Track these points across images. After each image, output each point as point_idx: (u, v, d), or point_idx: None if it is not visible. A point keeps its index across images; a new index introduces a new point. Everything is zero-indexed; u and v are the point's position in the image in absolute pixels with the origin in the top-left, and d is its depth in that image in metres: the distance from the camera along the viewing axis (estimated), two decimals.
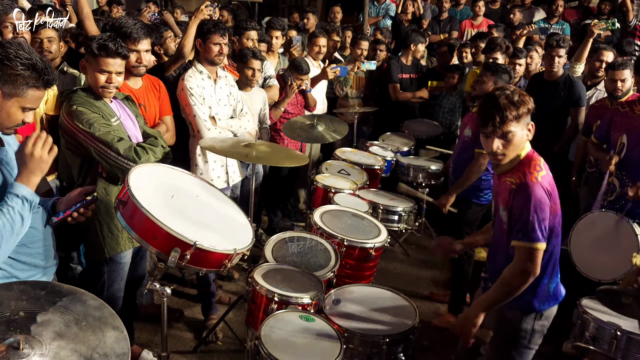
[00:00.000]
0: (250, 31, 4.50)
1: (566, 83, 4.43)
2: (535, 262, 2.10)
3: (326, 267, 2.84)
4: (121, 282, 2.86)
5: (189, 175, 2.52)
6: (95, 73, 2.58)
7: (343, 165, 4.31)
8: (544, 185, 2.10)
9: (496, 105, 2.07)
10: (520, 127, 2.11)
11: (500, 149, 2.12)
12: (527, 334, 2.26)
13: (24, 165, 1.83)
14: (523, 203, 2.08)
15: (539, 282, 2.21)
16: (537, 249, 2.09)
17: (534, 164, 2.14)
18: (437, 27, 7.24)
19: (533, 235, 2.07)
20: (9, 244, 1.82)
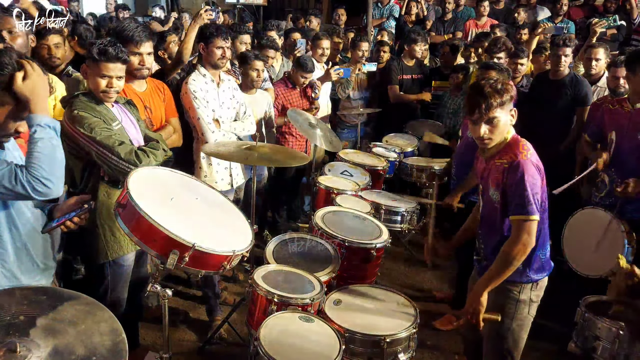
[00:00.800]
0: (243, 35, 4.54)
1: (572, 82, 4.41)
2: (532, 233, 2.26)
3: (327, 268, 2.84)
4: (124, 285, 2.90)
5: (189, 178, 2.54)
6: (96, 78, 2.62)
7: (346, 166, 4.32)
8: (533, 162, 2.28)
9: (482, 94, 2.26)
10: (505, 112, 2.31)
11: (487, 133, 2.31)
12: (526, 304, 2.44)
13: (32, 92, 1.82)
14: (518, 180, 2.24)
15: (533, 254, 2.37)
16: (533, 221, 2.25)
17: (521, 144, 2.33)
18: (441, 28, 7.23)
19: (529, 208, 2.23)
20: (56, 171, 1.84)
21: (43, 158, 1.81)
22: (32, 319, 1.56)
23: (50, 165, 1.83)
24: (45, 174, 1.81)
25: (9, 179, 1.78)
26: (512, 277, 2.37)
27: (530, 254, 2.34)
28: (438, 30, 7.23)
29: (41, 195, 1.83)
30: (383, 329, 2.44)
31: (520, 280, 2.42)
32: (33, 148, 1.82)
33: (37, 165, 1.80)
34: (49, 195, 1.85)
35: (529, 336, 2.57)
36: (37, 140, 1.82)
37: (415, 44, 5.41)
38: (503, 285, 2.39)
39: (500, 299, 2.44)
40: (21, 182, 1.78)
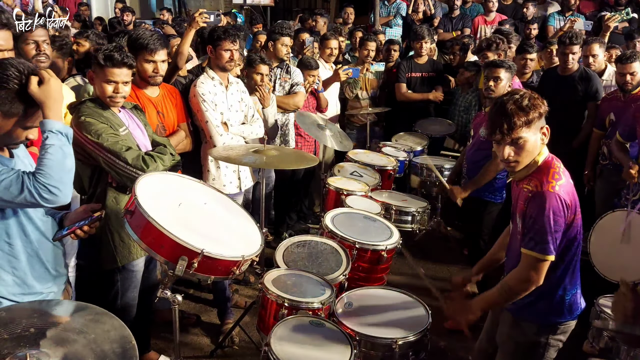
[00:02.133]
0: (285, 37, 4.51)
1: (582, 77, 4.36)
2: (540, 272, 2.05)
3: (337, 270, 2.83)
4: (135, 290, 2.90)
5: (197, 183, 2.54)
6: (102, 83, 2.62)
7: (355, 167, 4.30)
8: (561, 195, 2.01)
9: (504, 112, 1.99)
10: (532, 132, 2.01)
11: (512, 156, 2.04)
12: (541, 347, 2.20)
13: (47, 97, 1.82)
14: (537, 212, 2.01)
15: (554, 293, 2.16)
16: (545, 261, 2.03)
17: (553, 171, 2.06)
18: (449, 25, 7.18)
19: (544, 246, 2.01)
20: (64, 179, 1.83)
21: (53, 165, 1.81)
22: (42, 330, 1.57)
23: (59, 172, 1.82)
24: (53, 181, 1.80)
25: (16, 186, 1.78)
26: (529, 316, 2.19)
27: (548, 293, 2.14)
28: (446, 28, 7.18)
29: (49, 202, 1.82)
30: (395, 331, 2.41)
31: (538, 321, 2.19)
32: (44, 154, 1.81)
33: (46, 172, 1.79)
34: (57, 202, 1.85)
35: None
36: (49, 147, 1.82)
37: (422, 40, 5.36)
38: (519, 322, 2.23)
39: (514, 337, 2.26)
40: (28, 188, 1.78)
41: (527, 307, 2.18)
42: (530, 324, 2.20)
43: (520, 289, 2.08)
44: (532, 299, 2.14)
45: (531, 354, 2.22)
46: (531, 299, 2.15)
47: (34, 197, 1.79)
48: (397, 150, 4.76)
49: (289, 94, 4.46)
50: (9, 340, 1.51)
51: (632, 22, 6.16)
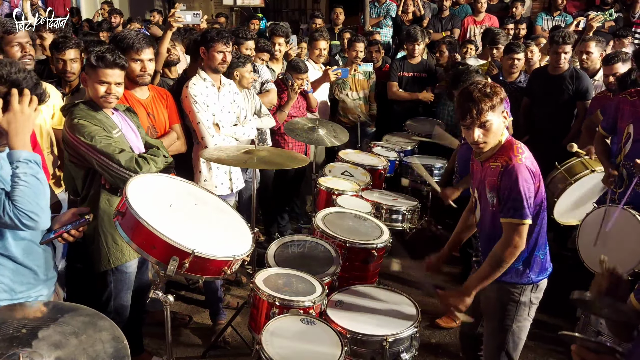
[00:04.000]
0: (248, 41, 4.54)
1: (573, 76, 4.40)
2: (523, 236, 2.29)
3: (328, 269, 2.85)
4: (128, 292, 2.91)
5: (187, 184, 2.55)
6: (95, 84, 2.63)
7: (346, 167, 4.33)
8: (528, 165, 2.29)
9: (471, 99, 2.26)
10: (497, 115, 2.29)
11: (481, 137, 2.30)
12: (526, 306, 2.45)
13: (14, 124, 1.83)
14: (512, 183, 2.26)
15: (533, 255, 2.41)
16: (524, 225, 2.28)
17: (516, 147, 2.34)
18: (438, 25, 7.23)
19: (522, 212, 2.25)
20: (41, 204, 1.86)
21: (29, 193, 1.83)
22: (34, 331, 1.59)
23: (36, 199, 1.84)
24: (31, 207, 1.83)
25: None
26: (513, 279, 2.42)
27: (529, 256, 2.39)
28: (435, 28, 7.23)
29: (29, 227, 1.86)
30: (385, 329, 2.44)
31: (521, 281, 2.43)
32: (17, 182, 1.83)
33: (23, 200, 1.82)
34: (37, 227, 1.89)
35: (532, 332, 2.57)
36: (22, 175, 1.83)
37: (415, 42, 5.40)
38: (504, 286, 2.44)
39: (501, 300, 2.46)
40: (9, 214, 1.81)
41: (510, 270, 2.39)
42: (515, 285, 2.44)
43: (508, 255, 2.30)
44: (515, 265, 2.39)
45: (518, 313, 2.45)
46: (514, 266, 2.39)
47: (14, 223, 1.82)
48: (388, 150, 4.79)
49: (261, 92, 4.49)
50: (1, 341, 1.53)
51: (617, 21, 6.25)
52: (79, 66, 3.53)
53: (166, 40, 3.85)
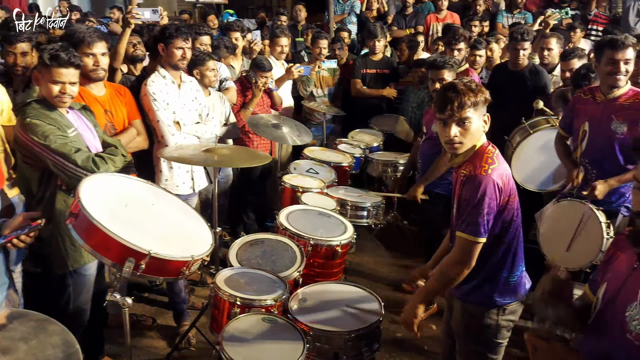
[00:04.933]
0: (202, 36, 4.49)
1: (532, 72, 4.48)
2: (472, 255, 2.09)
3: (292, 267, 2.84)
4: (87, 294, 2.84)
5: (145, 184, 2.50)
6: (49, 84, 2.56)
7: (311, 164, 4.32)
8: (493, 178, 2.06)
9: (455, 90, 2.05)
10: (477, 115, 2.09)
11: (458, 136, 2.08)
12: (492, 329, 2.24)
13: None
14: (470, 195, 2.06)
15: (498, 275, 2.20)
16: (477, 243, 2.07)
17: (486, 156, 2.11)
18: (402, 22, 7.28)
19: (475, 228, 2.06)
20: None
21: None
22: None
23: None
24: None
25: None
26: (479, 300, 2.24)
27: (492, 275, 2.20)
28: (399, 25, 7.29)
29: None
30: (348, 325, 2.45)
31: (483, 303, 2.23)
32: None
33: None
34: None
35: None
36: None
37: (375, 39, 5.44)
38: (467, 307, 2.28)
39: (465, 322, 2.31)
40: None
41: (473, 291, 2.23)
42: (478, 306, 2.24)
43: (454, 273, 2.11)
44: (477, 282, 2.20)
45: (484, 336, 2.26)
46: (477, 282, 2.20)
47: None
48: (353, 147, 4.81)
49: (220, 90, 4.45)
50: None
51: (575, 18, 6.42)
52: (30, 60, 3.43)
53: (125, 38, 3.77)
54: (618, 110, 3.09)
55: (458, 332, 2.37)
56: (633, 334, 1.41)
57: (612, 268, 1.63)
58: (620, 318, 1.46)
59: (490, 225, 2.08)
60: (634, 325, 1.42)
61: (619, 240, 1.67)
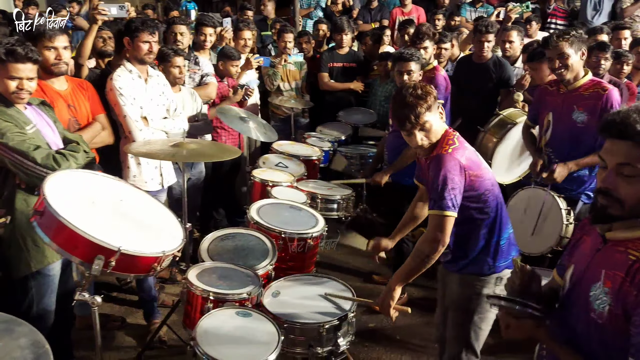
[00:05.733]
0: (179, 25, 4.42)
1: (496, 65, 4.58)
2: (445, 230, 2.19)
3: (264, 261, 2.83)
4: (52, 296, 2.75)
5: (112, 179, 2.44)
6: (5, 80, 2.46)
7: (280, 158, 4.30)
8: (454, 155, 2.20)
9: (406, 105, 2.20)
10: (433, 114, 2.25)
11: (424, 139, 2.26)
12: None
13: None
14: (434, 174, 2.19)
15: (490, 242, 2.34)
16: (447, 217, 2.17)
17: (447, 139, 2.27)
18: (367, 16, 7.32)
19: (442, 203, 2.16)
20: None
21: None
22: None
23: None
24: None
25: None
26: (477, 270, 2.36)
27: (487, 245, 2.33)
28: (365, 19, 7.32)
29: None
30: (322, 316, 2.45)
31: (481, 271, 2.36)
32: None
33: None
34: None
35: None
36: None
37: (342, 33, 5.45)
38: (466, 278, 2.39)
39: (463, 292, 2.42)
40: None
41: (470, 263, 2.36)
42: (476, 276, 2.37)
43: (429, 250, 2.21)
44: (473, 254, 2.35)
45: (479, 306, 2.39)
46: (473, 255, 2.35)
47: None
48: (322, 141, 4.81)
49: (200, 85, 4.39)
50: None
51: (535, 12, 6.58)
52: None
53: (92, 34, 3.65)
54: (578, 100, 3.18)
55: (453, 303, 2.48)
56: (596, 312, 1.46)
57: (578, 251, 1.68)
58: (585, 298, 1.51)
59: (458, 201, 2.19)
60: (597, 304, 1.46)
61: (585, 224, 1.72)
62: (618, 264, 1.43)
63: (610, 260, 1.47)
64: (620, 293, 1.39)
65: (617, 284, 1.41)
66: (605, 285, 1.44)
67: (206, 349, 2.09)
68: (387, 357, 3.41)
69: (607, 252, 1.49)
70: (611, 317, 1.41)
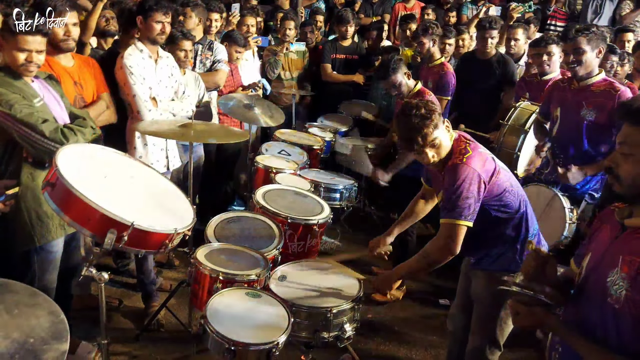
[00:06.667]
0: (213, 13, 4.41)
1: (500, 61, 4.59)
2: (456, 239, 2.18)
3: (271, 244, 2.82)
4: (53, 272, 2.72)
5: (122, 156, 2.41)
6: (14, 52, 2.41)
7: (283, 146, 4.28)
8: (470, 165, 2.19)
9: (412, 127, 2.19)
10: (440, 130, 2.25)
11: (435, 156, 2.26)
12: None
13: None
14: (449, 184, 2.19)
15: (517, 239, 2.33)
16: (459, 226, 2.17)
17: (460, 149, 2.26)
18: (369, 10, 7.30)
19: (455, 212, 2.15)
20: None
21: None
22: None
23: None
24: None
25: None
26: (504, 267, 2.34)
27: (515, 242, 2.33)
28: (367, 12, 7.30)
29: None
30: (328, 301, 2.45)
31: (509, 268, 2.32)
32: None
33: None
34: None
35: None
36: None
37: (347, 24, 5.43)
38: (494, 275, 2.35)
39: (489, 289, 2.36)
40: None
41: (497, 259, 2.35)
42: (503, 273, 2.28)
43: (437, 257, 2.22)
44: (501, 250, 2.34)
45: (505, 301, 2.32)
46: (501, 251, 2.34)
47: None
48: (324, 131, 4.80)
49: (210, 71, 4.35)
50: None
51: (536, 13, 6.62)
52: None
53: (96, 12, 3.62)
54: (589, 97, 3.18)
55: (481, 299, 2.46)
56: (614, 297, 1.47)
57: (596, 239, 1.70)
58: (602, 284, 1.52)
59: (473, 209, 2.17)
60: (614, 289, 1.48)
61: (604, 213, 1.74)
62: (635, 249, 1.46)
63: (628, 246, 1.49)
64: (638, 278, 1.42)
65: (633, 269, 1.43)
66: (623, 271, 1.46)
67: (217, 327, 2.07)
68: (385, 347, 3.42)
69: (626, 239, 1.52)
70: (628, 302, 1.43)
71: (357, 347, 3.31)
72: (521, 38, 4.72)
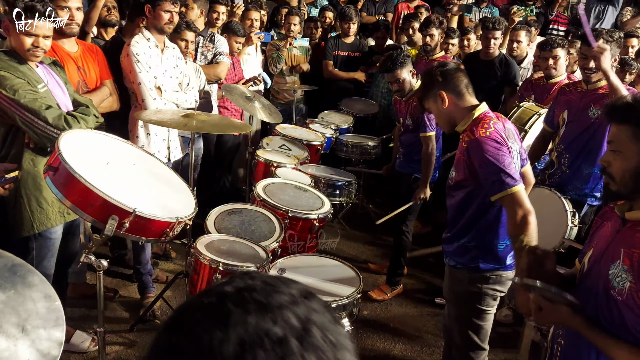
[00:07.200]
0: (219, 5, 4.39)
1: (502, 63, 4.59)
2: (522, 203, 2.07)
3: (271, 237, 2.80)
4: (52, 259, 2.70)
5: (124, 143, 2.40)
6: (21, 36, 2.39)
7: (283, 140, 4.27)
8: (491, 135, 2.12)
9: None
10: (432, 101, 2.33)
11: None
12: (476, 296, 2.27)
13: None
14: (480, 158, 2.10)
15: (486, 239, 2.24)
16: (517, 191, 2.07)
17: (483, 122, 2.18)
18: (372, 8, 7.29)
19: (503, 184, 2.06)
20: None
21: None
22: None
23: None
24: None
25: None
26: (463, 263, 2.28)
27: (483, 241, 2.24)
28: (369, 11, 7.28)
29: None
30: (329, 295, 2.44)
31: (469, 267, 2.27)
32: None
33: None
34: None
35: None
36: None
37: (350, 22, 5.42)
38: (452, 271, 2.34)
39: (453, 285, 2.37)
40: None
41: (461, 253, 2.28)
42: (462, 270, 2.29)
43: (521, 228, 2.05)
44: (466, 241, 2.26)
45: (470, 302, 2.30)
46: (467, 245, 2.26)
47: None
48: (325, 127, 4.78)
49: (212, 63, 4.33)
50: None
51: (538, 17, 6.63)
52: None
53: (99, 4, 3.60)
54: (597, 99, 3.20)
55: (448, 296, 2.46)
56: (616, 289, 1.48)
57: (598, 235, 1.70)
58: (605, 277, 1.54)
59: (513, 169, 2.09)
60: (616, 281, 1.49)
61: (604, 211, 1.75)
62: (636, 242, 1.48)
63: (629, 239, 1.51)
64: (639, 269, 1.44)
65: (635, 261, 1.45)
66: (624, 263, 1.48)
67: None
68: (381, 344, 3.41)
69: (627, 233, 1.54)
70: (632, 294, 1.44)
71: None
72: (524, 40, 4.72)
